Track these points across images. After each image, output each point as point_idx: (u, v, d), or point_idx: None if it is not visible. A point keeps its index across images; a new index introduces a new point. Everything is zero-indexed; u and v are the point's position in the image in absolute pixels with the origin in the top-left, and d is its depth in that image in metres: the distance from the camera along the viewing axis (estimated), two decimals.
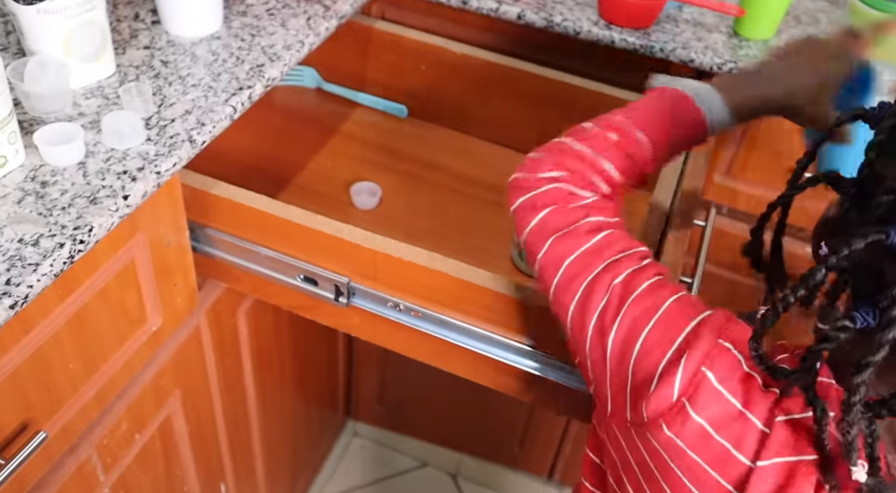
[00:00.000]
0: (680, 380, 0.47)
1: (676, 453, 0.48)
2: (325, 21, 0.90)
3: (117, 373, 0.74)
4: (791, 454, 0.46)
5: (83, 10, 0.70)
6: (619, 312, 0.52)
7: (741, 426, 0.46)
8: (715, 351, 0.48)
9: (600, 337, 0.52)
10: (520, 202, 0.60)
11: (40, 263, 0.57)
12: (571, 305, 0.54)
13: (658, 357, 0.49)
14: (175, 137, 0.70)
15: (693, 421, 0.47)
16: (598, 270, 0.54)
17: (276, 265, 0.79)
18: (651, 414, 0.48)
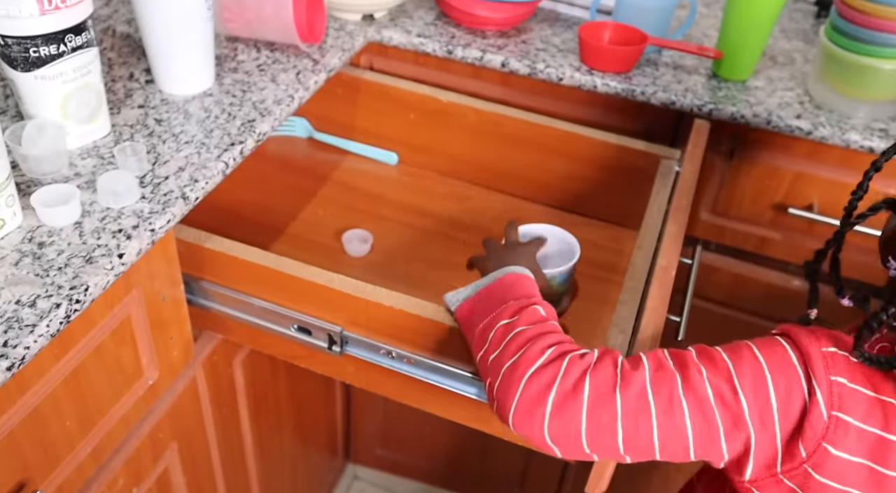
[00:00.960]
0: (823, 398, 0.52)
1: (841, 471, 0.52)
2: (315, 75, 0.93)
3: (114, 428, 0.75)
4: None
5: (79, 74, 0.72)
6: (736, 393, 0.54)
7: (883, 410, 0.52)
8: (829, 359, 0.53)
9: (735, 424, 0.54)
10: (552, 401, 0.55)
11: (37, 324, 0.58)
12: (687, 426, 0.54)
13: (799, 396, 0.53)
14: (169, 195, 0.72)
15: (852, 426, 0.51)
16: (679, 380, 0.55)
17: (270, 316, 0.80)
18: (811, 446, 0.52)
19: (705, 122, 0.97)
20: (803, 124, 0.94)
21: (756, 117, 0.95)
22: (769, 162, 1.00)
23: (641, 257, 0.80)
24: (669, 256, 0.77)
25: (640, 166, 0.98)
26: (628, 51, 1.00)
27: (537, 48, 1.06)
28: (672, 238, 0.78)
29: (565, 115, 1.06)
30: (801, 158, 0.98)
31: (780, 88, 1.01)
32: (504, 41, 1.07)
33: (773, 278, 1.10)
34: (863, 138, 0.93)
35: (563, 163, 1.04)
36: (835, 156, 0.97)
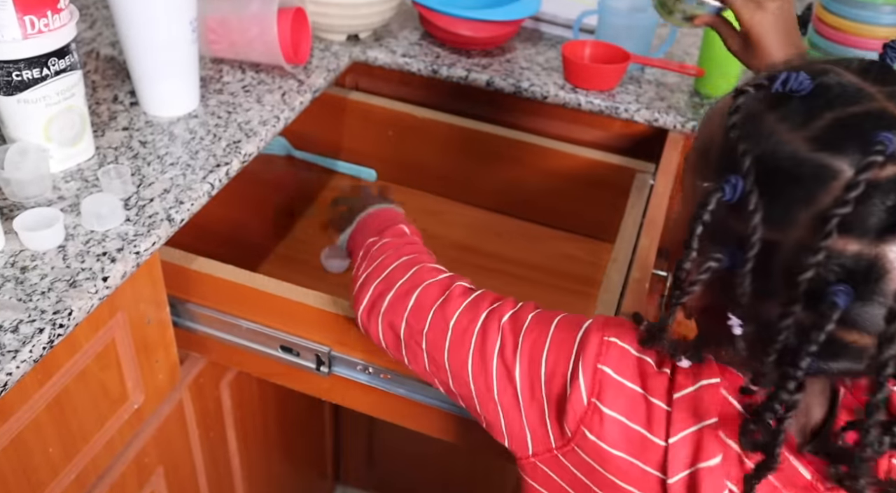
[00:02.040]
0: (584, 383, 0.52)
1: (603, 457, 0.51)
2: (300, 95, 0.93)
3: (99, 454, 0.74)
4: (694, 423, 0.49)
5: (63, 97, 0.72)
6: (516, 347, 0.56)
7: (647, 409, 0.50)
8: (604, 347, 0.52)
9: (507, 377, 0.56)
10: (387, 302, 0.63)
11: (20, 349, 0.57)
12: (469, 356, 0.57)
13: (563, 373, 0.53)
14: (154, 217, 0.71)
15: (608, 417, 0.51)
16: (483, 316, 0.58)
17: (257, 337, 0.79)
18: (572, 425, 0.52)
19: (680, 135, 0.98)
20: None
21: None
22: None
23: (616, 269, 0.81)
24: (643, 268, 0.77)
25: (615, 180, 0.99)
26: (611, 69, 1.01)
27: (521, 67, 1.07)
28: (645, 251, 0.79)
29: (551, 133, 1.06)
30: None
31: None
32: (489, 60, 1.08)
33: None
34: None
35: (540, 177, 1.05)
36: None
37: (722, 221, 0.44)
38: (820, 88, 0.43)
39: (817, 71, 0.44)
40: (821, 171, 0.41)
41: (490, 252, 1.07)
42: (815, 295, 0.41)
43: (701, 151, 0.49)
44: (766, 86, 0.45)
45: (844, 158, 0.41)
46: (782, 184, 0.42)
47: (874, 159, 0.39)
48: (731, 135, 0.44)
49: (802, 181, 0.41)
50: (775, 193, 0.42)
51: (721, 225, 0.44)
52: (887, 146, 0.39)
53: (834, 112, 0.42)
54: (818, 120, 0.42)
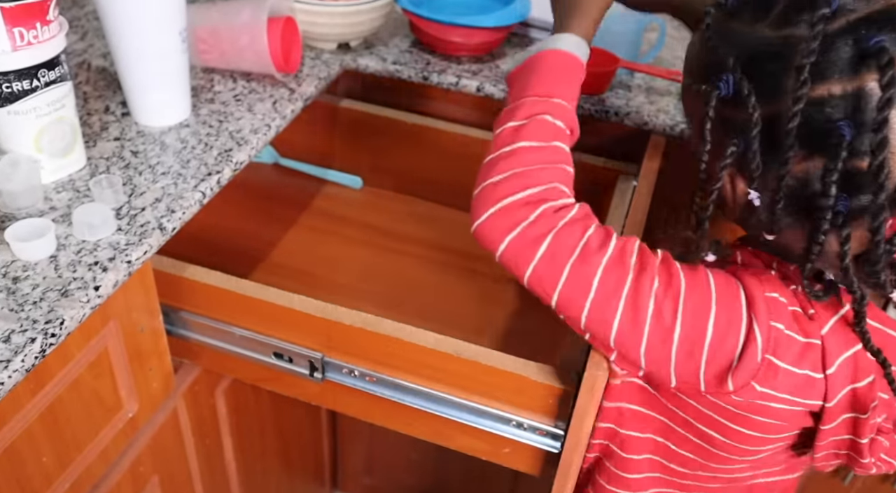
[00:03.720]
0: (761, 342, 0.56)
1: (767, 399, 0.57)
2: (291, 104, 0.93)
3: (93, 463, 0.74)
4: (845, 349, 0.57)
5: (53, 108, 0.73)
6: (675, 313, 0.56)
7: (811, 352, 0.57)
8: (771, 305, 0.57)
9: (663, 341, 0.57)
10: (509, 241, 0.57)
11: (11, 359, 0.58)
12: (615, 320, 0.57)
13: (735, 336, 0.56)
14: (146, 226, 0.72)
15: (782, 369, 0.56)
16: (630, 279, 0.57)
17: (250, 344, 0.80)
18: (739, 383, 0.56)
19: (661, 137, 0.98)
20: None
21: None
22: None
23: None
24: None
25: (600, 182, 1.00)
26: (601, 73, 1.01)
27: None
28: (634, 229, 0.80)
29: None
30: None
31: None
32: (479, 67, 1.08)
33: None
34: None
35: None
36: None
37: (726, 114, 0.55)
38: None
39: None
40: (787, 41, 0.51)
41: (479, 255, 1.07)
42: (825, 139, 0.51)
43: (689, 72, 0.60)
44: (722, 3, 0.57)
45: (802, 24, 0.51)
46: (763, 66, 0.52)
47: (822, 12, 0.49)
48: (710, 45, 0.55)
49: (777, 56, 0.52)
50: (760, 76, 0.52)
51: (727, 119, 0.55)
52: (832, 3, 0.50)
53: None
54: (773, 8, 0.53)
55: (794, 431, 0.61)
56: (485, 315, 0.94)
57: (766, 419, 0.59)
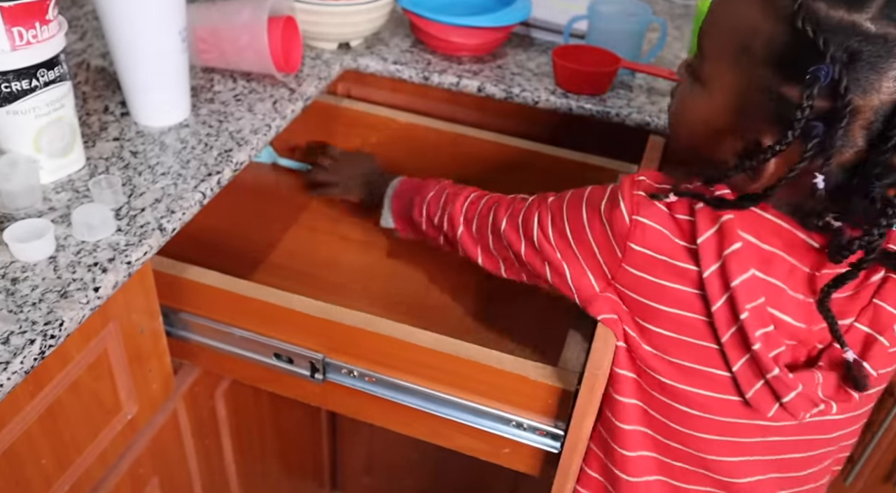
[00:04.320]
0: (625, 207, 0.61)
1: (648, 263, 0.60)
2: (291, 104, 0.93)
3: (92, 465, 0.74)
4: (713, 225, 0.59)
5: (52, 108, 0.72)
6: (562, 220, 0.67)
7: (677, 224, 0.60)
8: (636, 183, 0.62)
9: (563, 240, 0.67)
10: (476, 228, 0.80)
11: (10, 360, 0.57)
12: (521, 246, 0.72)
13: (598, 208, 0.64)
14: (145, 227, 0.71)
15: (649, 226, 0.60)
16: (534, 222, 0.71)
17: (250, 346, 0.79)
18: (620, 242, 0.61)
19: (661, 137, 0.98)
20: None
21: None
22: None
23: None
24: None
25: (598, 182, 0.99)
26: (602, 73, 1.01)
27: (512, 72, 1.07)
28: None
29: (544, 138, 1.07)
30: None
31: None
32: (479, 66, 1.08)
33: None
34: None
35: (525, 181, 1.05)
36: None
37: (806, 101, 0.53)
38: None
39: None
40: (888, 40, 0.50)
41: None
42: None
43: (745, 48, 0.56)
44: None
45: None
46: (860, 62, 0.51)
47: None
48: (802, 30, 0.51)
49: (878, 56, 0.50)
50: (856, 71, 0.51)
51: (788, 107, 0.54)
52: None
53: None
54: (871, 1, 0.51)
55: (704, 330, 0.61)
56: (485, 315, 0.94)
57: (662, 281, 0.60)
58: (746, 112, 0.58)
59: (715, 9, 0.61)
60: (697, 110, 0.62)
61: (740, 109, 0.58)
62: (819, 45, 0.51)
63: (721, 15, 0.60)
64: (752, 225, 0.58)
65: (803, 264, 0.59)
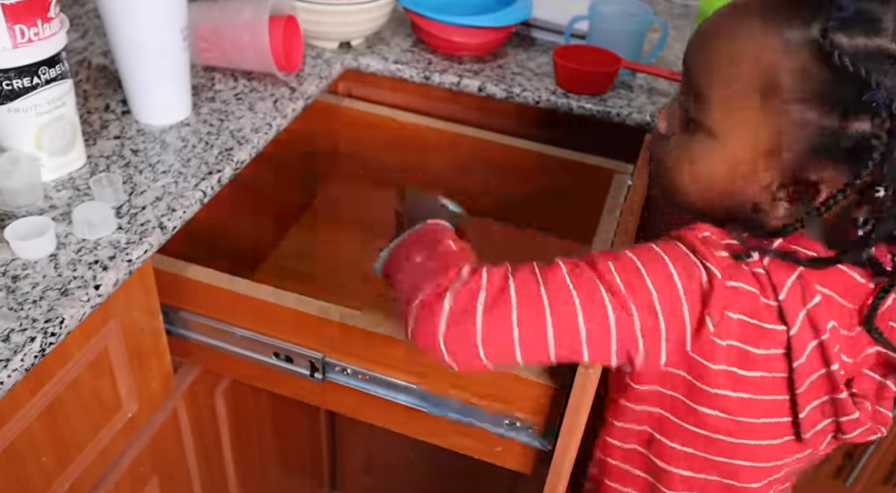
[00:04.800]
0: (717, 270, 0.54)
1: (744, 328, 0.56)
2: (292, 103, 0.93)
3: (92, 463, 0.74)
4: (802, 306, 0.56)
5: (54, 106, 0.72)
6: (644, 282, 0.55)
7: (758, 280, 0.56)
8: (704, 241, 0.56)
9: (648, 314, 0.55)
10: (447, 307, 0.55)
11: (11, 358, 0.57)
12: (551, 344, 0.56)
13: (697, 270, 0.55)
14: (146, 225, 0.71)
15: (741, 290, 0.55)
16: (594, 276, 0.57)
17: (250, 345, 0.79)
18: (715, 312, 0.54)
19: None
20: None
21: None
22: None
23: None
24: None
25: (595, 181, 0.99)
26: (602, 73, 1.01)
27: (513, 72, 1.07)
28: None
29: (545, 138, 1.07)
30: None
31: None
32: (480, 66, 1.08)
33: None
34: None
35: (522, 180, 1.05)
36: None
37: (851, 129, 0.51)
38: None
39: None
40: None
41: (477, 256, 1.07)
42: None
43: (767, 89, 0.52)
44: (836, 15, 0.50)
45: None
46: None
47: None
48: (852, 69, 0.49)
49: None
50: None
51: (860, 140, 0.51)
52: None
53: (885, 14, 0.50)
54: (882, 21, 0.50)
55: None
56: None
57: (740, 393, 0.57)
58: (787, 154, 0.54)
59: (710, 51, 0.56)
60: (715, 165, 0.57)
61: (777, 153, 0.54)
62: (862, 75, 0.49)
63: (723, 57, 0.55)
64: (819, 273, 0.56)
65: (850, 302, 0.58)
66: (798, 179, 0.54)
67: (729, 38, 0.55)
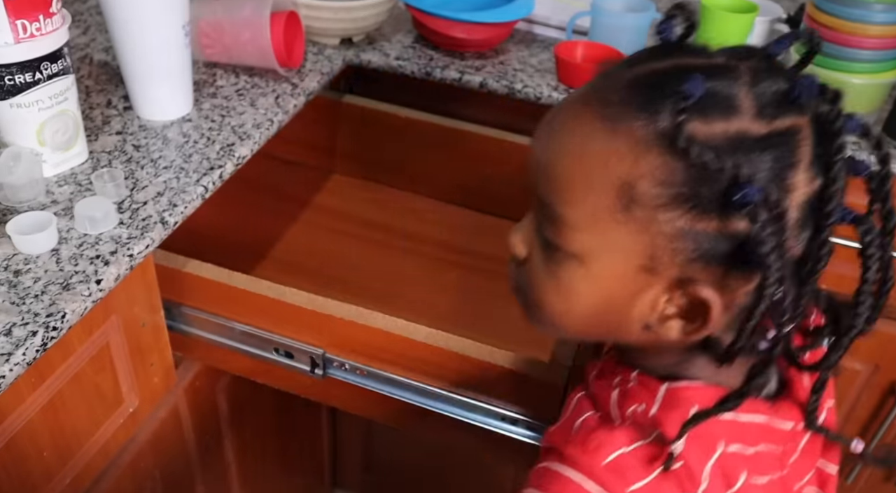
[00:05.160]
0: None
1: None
2: (294, 99, 0.93)
3: (93, 458, 0.74)
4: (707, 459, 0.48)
5: (56, 101, 0.72)
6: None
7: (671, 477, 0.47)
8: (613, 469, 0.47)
9: None
10: None
11: (13, 352, 0.57)
12: None
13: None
14: (147, 220, 0.71)
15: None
16: None
17: (251, 340, 0.79)
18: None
19: None
20: None
21: None
22: None
23: None
24: None
25: None
26: None
27: (515, 69, 1.07)
28: None
29: None
30: None
31: None
32: (482, 62, 1.08)
33: None
34: None
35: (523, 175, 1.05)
36: None
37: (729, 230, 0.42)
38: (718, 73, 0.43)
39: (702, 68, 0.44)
40: (783, 135, 0.42)
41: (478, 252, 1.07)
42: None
43: (627, 201, 0.43)
44: (685, 99, 0.41)
45: (790, 112, 0.43)
46: (772, 166, 0.42)
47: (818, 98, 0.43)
48: (701, 160, 0.41)
49: (782, 154, 0.42)
50: (775, 177, 0.42)
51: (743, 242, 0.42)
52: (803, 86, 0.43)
53: (740, 90, 0.43)
54: (737, 99, 0.42)
55: None
56: (479, 310, 0.94)
57: None
58: (666, 268, 0.44)
59: (554, 164, 0.47)
60: (589, 291, 0.47)
61: (654, 268, 0.45)
62: (727, 169, 0.40)
63: (568, 169, 0.46)
64: (737, 430, 0.48)
65: (773, 444, 0.50)
66: (685, 293, 0.45)
67: (571, 145, 0.46)
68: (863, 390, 1.14)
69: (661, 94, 0.42)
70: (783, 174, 0.42)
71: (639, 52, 0.48)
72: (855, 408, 1.16)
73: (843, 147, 0.43)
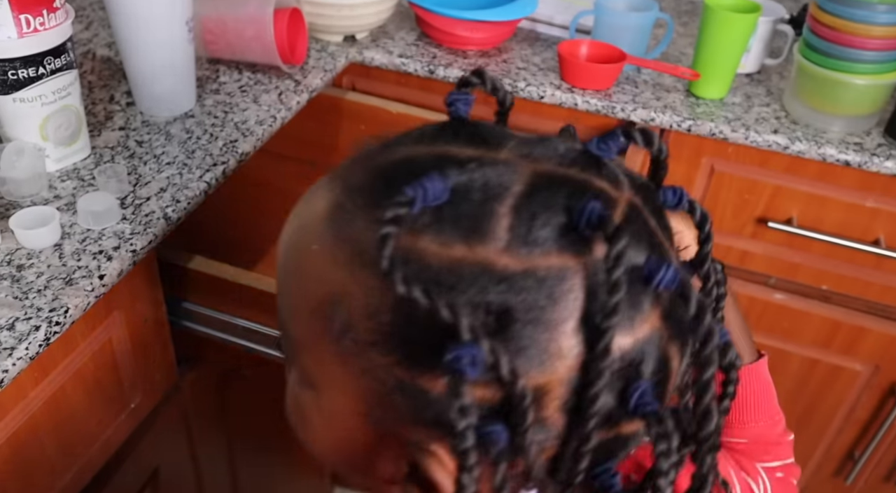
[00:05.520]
0: None
1: None
2: (297, 95, 0.93)
3: (95, 453, 0.74)
4: None
5: (59, 96, 0.72)
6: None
7: None
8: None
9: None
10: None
11: (16, 346, 0.57)
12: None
13: None
14: (150, 215, 0.71)
15: None
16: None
17: (253, 337, 0.79)
18: None
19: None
20: (780, 139, 0.96)
21: (734, 133, 0.97)
22: (748, 176, 1.02)
23: None
24: None
25: None
26: (607, 68, 1.01)
27: (518, 67, 1.07)
28: None
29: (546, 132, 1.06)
30: (780, 172, 1.00)
31: (757, 104, 1.02)
32: (485, 61, 1.08)
33: (753, 290, 1.11)
34: (838, 152, 0.94)
35: None
36: (812, 170, 0.98)
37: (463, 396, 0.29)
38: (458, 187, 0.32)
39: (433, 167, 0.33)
40: (545, 277, 0.30)
41: None
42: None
43: (339, 327, 0.33)
44: (403, 205, 0.30)
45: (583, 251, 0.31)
46: (519, 323, 0.30)
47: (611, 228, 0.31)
48: (416, 298, 0.29)
49: (538, 305, 0.30)
50: (517, 338, 0.30)
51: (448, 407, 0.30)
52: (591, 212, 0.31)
53: (502, 204, 0.31)
54: (485, 222, 0.31)
55: None
56: None
57: None
58: (378, 418, 0.34)
59: (283, 259, 0.38)
60: (319, 426, 0.39)
61: (368, 415, 0.34)
62: (440, 313, 0.29)
63: (292, 269, 0.37)
64: None
65: None
66: (413, 461, 0.34)
67: (299, 237, 0.37)
68: (863, 390, 1.14)
69: (388, 192, 0.31)
70: (537, 334, 0.30)
71: (420, 128, 0.38)
72: (855, 409, 1.16)
73: (617, 308, 0.30)
